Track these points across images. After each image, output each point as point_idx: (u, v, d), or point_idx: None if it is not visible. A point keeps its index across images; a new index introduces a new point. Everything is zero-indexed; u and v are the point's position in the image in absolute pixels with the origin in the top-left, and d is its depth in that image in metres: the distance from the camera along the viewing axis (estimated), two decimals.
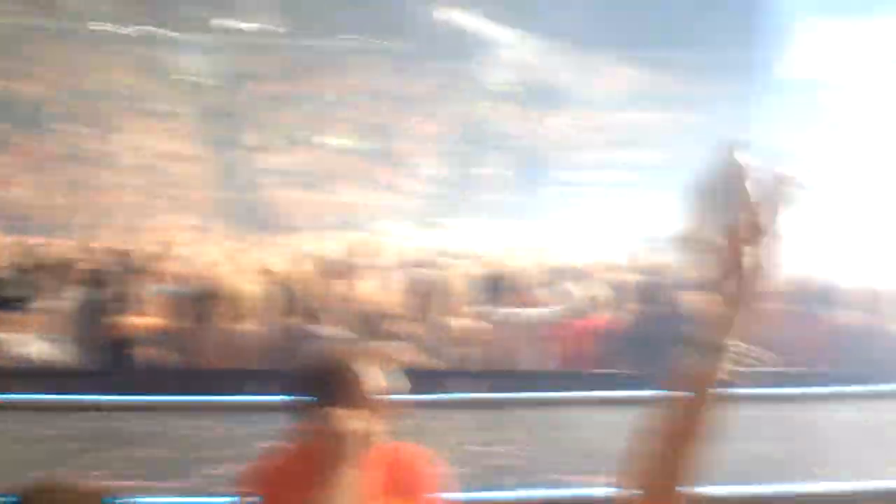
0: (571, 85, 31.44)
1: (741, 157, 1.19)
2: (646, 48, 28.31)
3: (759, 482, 3.02)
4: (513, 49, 32.02)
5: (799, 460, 3.58)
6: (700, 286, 1.29)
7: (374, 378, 2.35)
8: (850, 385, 4.92)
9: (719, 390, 1.25)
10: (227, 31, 32.32)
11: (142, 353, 5.87)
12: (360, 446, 2.18)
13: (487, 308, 5.92)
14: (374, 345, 5.41)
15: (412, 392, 4.51)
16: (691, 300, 5.93)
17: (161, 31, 31.26)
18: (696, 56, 26.80)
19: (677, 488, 1.27)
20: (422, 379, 5.08)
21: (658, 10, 25.77)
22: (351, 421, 2.18)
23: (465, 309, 6.32)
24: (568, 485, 3.10)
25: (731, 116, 27.18)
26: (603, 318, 6.59)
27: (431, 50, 32.31)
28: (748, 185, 1.18)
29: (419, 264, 8.84)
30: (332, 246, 11.75)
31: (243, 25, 32.56)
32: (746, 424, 3.89)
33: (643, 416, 1.28)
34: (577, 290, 6.62)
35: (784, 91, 26.03)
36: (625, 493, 1.30)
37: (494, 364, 5.64)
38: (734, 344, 1.24)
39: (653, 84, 30.45)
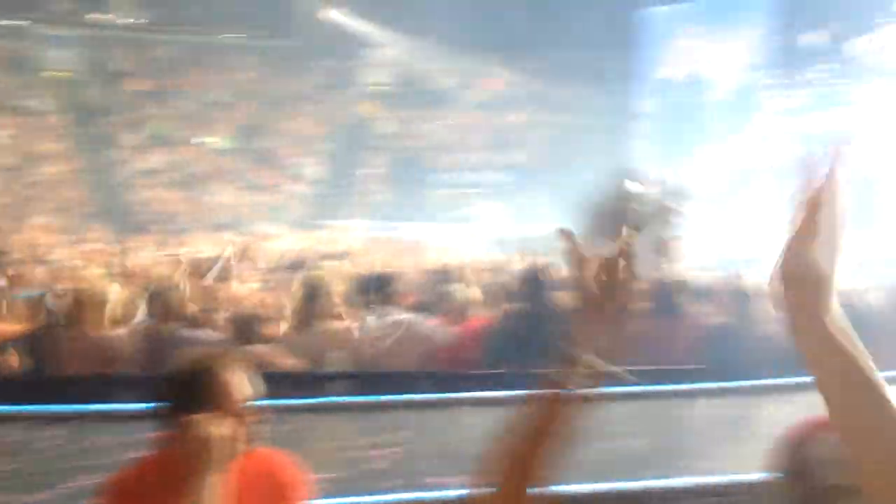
0: (451, 86, 31.68)
1: (629, 183, 1.22)
2: (524, 49, 28.73)
3: (625, 479, 3.07)
4: (393, 49, 32.03)
5: (666, 456, 3.67)
6: (572, 290, 1.30)
7: (240, 383, 2.29)
8: (717, 381, 5.08)
9: (584, 390, 1.26)
10: (99, 25, 31.16)
11: (2, 361, 5.58)
12: (224, 454, 2.12)
13: (367, 310, 5.87)
14: (247, 348, 5.30)
15: (288, 396, 4.44)
16: (566, 301, 6.03)
17: (28, 24, 29.91)
18: (574, 58, 27.32)
19: (532, 488, 1.27)
20: (299, 382, 5.00)
21: (537, 12, 26.15)
22: (215, 427, 2.11)
23: (344, 310, 6.26)
24: (442, 487, 3.09)
25: (608, 119, 27.91)
26: (482, 318, 6.64)
27: (312, 49, 32.02)
28: (634, 209, 1.21)
29: (298, 266, 8.72)
30: (208, 248, 11.47)
31: (117, 19, 31.44)
32: (614, 422, 3.99)
33: (510, 416, 1.29)
34: (456, 291, 6.64)
35: (662, 92, 26.85)
36: (479, 493, 1.30)
37: (373, 366, 5.59)
38: (600, 346, 1.26)
39: (531, 85, 30.97)
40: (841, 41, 18.64)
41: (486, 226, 20.09)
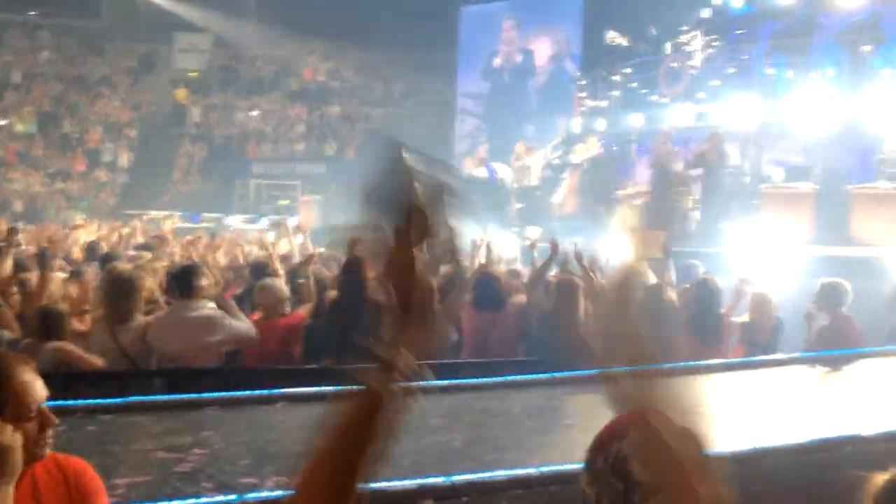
0: (270, 74, 31.08)
1: (409, 158, 1.18)
2: (347, 39, 28.52)
3: (441, 473, 3.07)
4: (209, 34, 31.04)
5: (480, 449, 3.71)
6: (380, 282, 1.27)
7: (32, 386, 2.13)
8: (538, 372, 5.19)
9: (401, 384, 1.22)
10: None
11: None
12: (15, 462, 1.95)
13: (178, 304, 5.63)
14: (49, 346, 4.98)
15: (93, 396, 4.18)
16: (379, 294, 6.02)
17: None
18: (398, 49, 27.42)
19: (349, 486, 1.24)
20: (104, 381, 4.74)
21: (361, 3, 26.00)
22: (4, 435, 1.95)
23: (155, 305, 6.00)
24: (256, 489, 2.99)
25: (432, 111, 28.21)
26: (300, 312, 6.54)
27: (123, 30, 30.60)
28: (415, 186, 1.18)
29: (105, 258, 8.30)
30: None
31: None
32: (431, 416, 4.01)
33: (327, 413, 1.24)
34: (272, 285, 6.50)
35: (486, 84, 27.34)
36: (294, 493, 1.26)
37: (186, 363, 5.38)
38: (411, 339, 1.23)
39: (353, 75, 30.86)
40: (649, 45, 19.56)
41: (303, 217, 19.82)
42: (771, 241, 11.14)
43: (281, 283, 6.65)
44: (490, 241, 8.90)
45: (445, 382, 4.49)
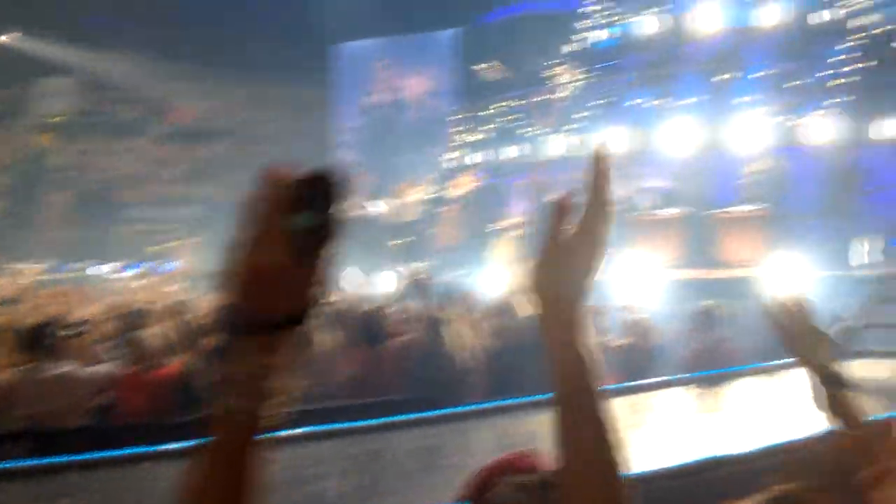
0: (140, 115, 30.31)
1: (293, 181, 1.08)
2: (220, 79, 28.12)
3: None
4: (74, 76, 30.06)
5: (358, 495, 3.61)
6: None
7: None
8: (420, 412, 5.12)
9: (267, 433, 1.10)
10: None
11: None
12: None
13: (41, 361, 5.34)
14: None
15: None
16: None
17: None
18: (274, 88, 27.16)
19: None
20: None
21: (234, 43, 25.62)
22: None
23: (12, 362, 5.68)
24: None
25: (310, 148, 27.99)
26: (174, 364, 6.30)
27: None
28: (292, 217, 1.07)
29: None
30: None
31: None
32: (311, 464, 3.89)
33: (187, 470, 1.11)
34: (146, 336, 6.25)
35: (364, 121, 27.36)
36: None
37: (50, 424, 5.09)
38: (280, 384, 1.11)
39: (228, 115, 30.40)
40: (520, 80, 19.95)
41: (180, 263, 19.32)
42: (644, 266, 11.44)
43: (154, 334, 6.40)
44: (369, 277, 8.85)
45: (321, 428, 4.37)
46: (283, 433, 1.13)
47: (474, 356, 6.50)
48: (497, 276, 9.93)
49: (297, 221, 1.02)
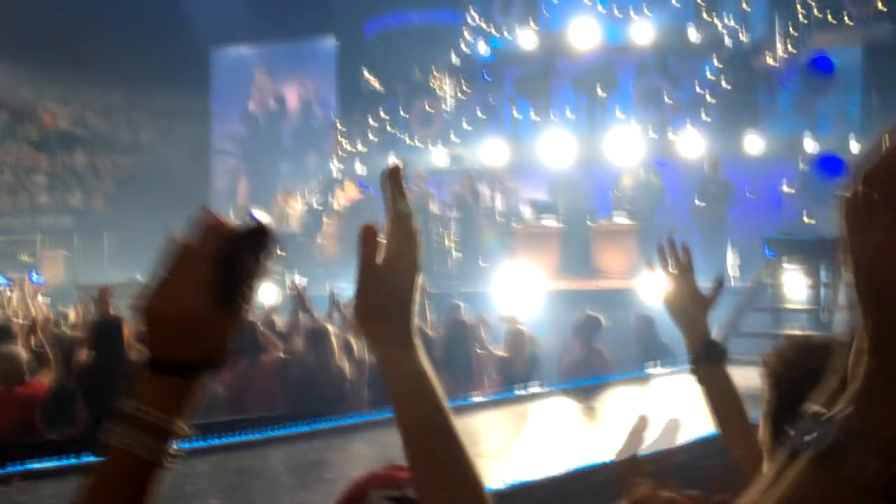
0: (5, 121, 29.04)
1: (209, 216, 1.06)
2: (91, 84, 27.21)
3: None
4: None
5: None
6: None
7: None
8: (300, 426, 5.06)
9: (153, 449, 1.08)
10: None
11: None
12: None
13: None
14: None
15: None
16: (138, 356, 5.72)
17: None
18: (149, 94, 26.42)
19: None
20: None
21: (103, 46, 24.78)
22: None
23: None
24: None
25: (180, 157, 27.33)
26: (41, 379, 6.05)
27: None
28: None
29: None
30: None
31: None
32: (192, 482, 3.80)
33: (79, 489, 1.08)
34: (9, 351, 5.99)
35: (245, 127, 26.97)
36: None
37: None
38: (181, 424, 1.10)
39: (98, 122, 29.40)
40: (401, 90, 20.00)
41: (46, 274, 18.57)
42: (524, 276, 11.63)
43: (19, 349, 6.14)
44: None
45: (198, 445, 4.27)
46: (177, 447, 1.11)
47: (354, 369, 6.48)
48: None
49: (226, 271, 1.03)
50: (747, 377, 2.20)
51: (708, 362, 2.01)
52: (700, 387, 2.01)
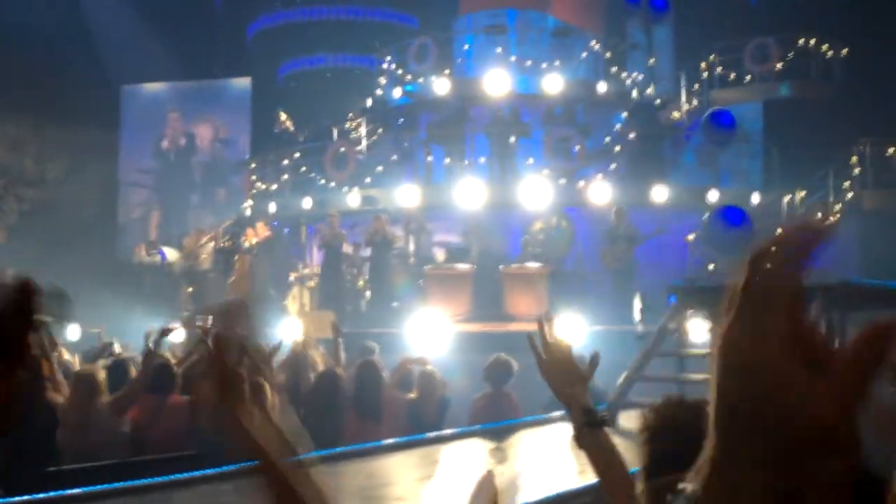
0: None
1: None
2: (6, 114, 26.42)
3: None
4: None
5: None
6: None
7: None
8: (210, 468, 4.97)
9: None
10: None
11: None
12: None
13: None
14: None
15: None
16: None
17: None
18: (59, 131, 25.78)
19: None
20: None
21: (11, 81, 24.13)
22: None
23: None
24: None
25: (88, 190, 26.70)
26: None
27: None
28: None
29: None
30: None
31: None
32: None
33: None
34: None
35: (157, 162, 26.56)
36: None
37: None
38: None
39: (2, 156, 28.55)
40: (316, 131, 20.01)
41: None
42: (434, 319, 11.70)
43: None
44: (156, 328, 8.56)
45: (100, 488, 4.18)
46: (53, 495, 1.13)
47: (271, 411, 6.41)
48: (290, 327, 9.86)
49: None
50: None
51: (589, 429, 2.12)
52: (584, 451, 2.11)
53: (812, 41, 18.68)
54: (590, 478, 3.15)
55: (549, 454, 5.79)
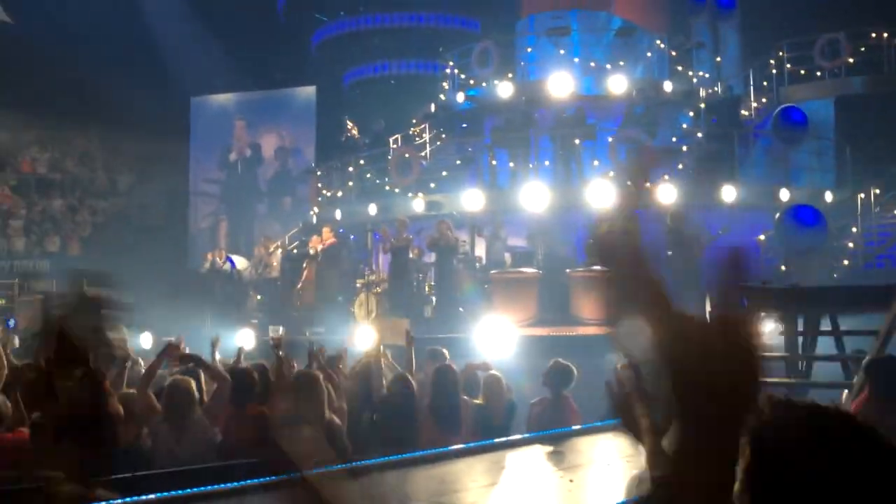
0: None
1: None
2: (69, 129, 27.13)
3: None
4: None
5: None
6: None
7: None
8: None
9: None
10: None
11: None
12: None
13: None
14: None
15: None
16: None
17: None
18: (129, 141, 26.38)
19: None
20: None
21: (83, 92, 24.76)
22: None
23: None
24: None
25: (158, 201, 27.22)
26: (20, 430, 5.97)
27: None
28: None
29: None
30: None
31: None
32: None
33: None
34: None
35: (226, 172, 26.99)
36: None
37: None
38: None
39: (76, 168, 29.33)
40: (379, 137, 20.12)
41: (22, 320, 18.36)
42: (501, 324, 11.65)
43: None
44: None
45: (192, 491, 4.22)
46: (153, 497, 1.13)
47: (338, 416, 6.44)
48: (363, 334, 9.88)
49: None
50: None
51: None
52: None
53: (885, 35, 18.19)
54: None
55: (612, 463, 5.69)
